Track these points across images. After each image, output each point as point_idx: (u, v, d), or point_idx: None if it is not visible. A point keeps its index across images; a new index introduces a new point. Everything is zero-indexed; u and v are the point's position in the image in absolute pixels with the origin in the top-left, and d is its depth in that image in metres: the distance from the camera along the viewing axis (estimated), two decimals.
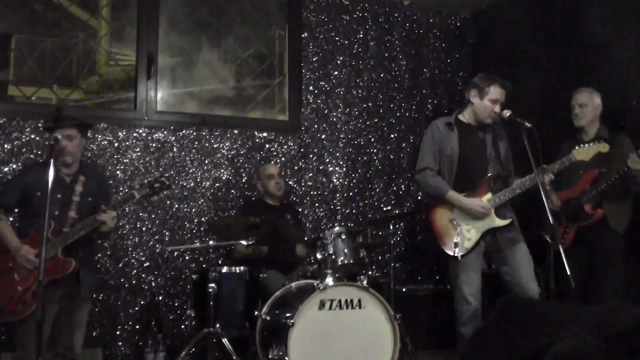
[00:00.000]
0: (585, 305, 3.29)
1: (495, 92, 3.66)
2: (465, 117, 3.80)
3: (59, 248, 3.35)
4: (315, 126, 5.31)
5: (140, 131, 4.71)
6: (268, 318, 3.70)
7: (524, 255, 3.65)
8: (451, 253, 3.58)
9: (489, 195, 3.64)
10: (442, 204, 3.72)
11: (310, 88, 5.32)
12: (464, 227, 3.63)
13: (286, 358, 3.38)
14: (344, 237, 3.94)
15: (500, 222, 3.63)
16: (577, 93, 4.13)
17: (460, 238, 3.58)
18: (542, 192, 3.21)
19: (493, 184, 3.66)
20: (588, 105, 4.04)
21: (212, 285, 3.85)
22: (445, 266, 5.35)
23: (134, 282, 4.54)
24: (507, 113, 3.55)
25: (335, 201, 5.30)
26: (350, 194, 5.36)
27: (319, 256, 3.85)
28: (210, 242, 4.08)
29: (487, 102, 3.67)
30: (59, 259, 3.35)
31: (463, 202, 3.63)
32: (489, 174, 3.68)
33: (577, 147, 3.62)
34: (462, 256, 3.56)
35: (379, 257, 5.28)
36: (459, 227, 3.62)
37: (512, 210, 3.78)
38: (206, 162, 4.87)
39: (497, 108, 3.65)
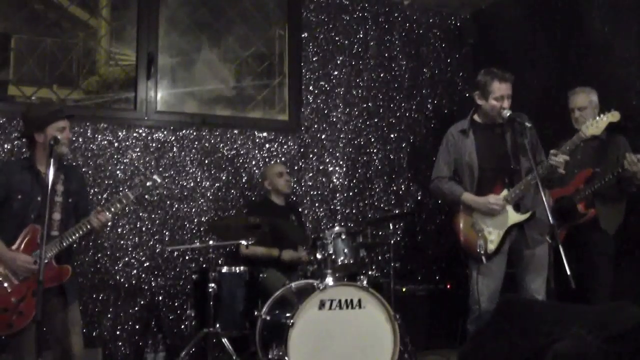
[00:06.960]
0: (585, 305, 3.29)
1: (497, 88, 3.51)
2: (479, 117, 3.69)
3: (52, 254, 3.11)
4: (315, 126, 5.31)
5: (140, 131, 4.71)
6: (268, 318, 3.70)
7: (539, 260, 3.51)
8: (477, 258, 3.47)
9: (505, 192, 3.52)
10: (463, 210, 3.63)
11: (310, 88, 5.32)
12: (485, 230, 3.53)
13: (286, 358, 3.38)
14: (343, 237, 3.94)
15: (518, 217, 3.50)
16: (574, 95, 4.03)
17: (483, 242, 3.49)
18: (542, 192, 3.20)
19: (507, 180, 3.54)
20: (587, 107, 3.96)
21: (212, 285, 3.86)
22: (447, 265, 5.42)
23: (134, 282, 4.54)
24: (507, 113, 3.48)
25: (335, 201, 5.30)
26: (350, 194, 5.36)
27: (319, 256, 3.85)
28: (210, 242, 4.08)
29: (492, 101, 3.53)
30: (54, 267, 3.13)
31: (476, 200, 3.54)
32: (502, 171, 3.56)
33: (586, 123, 3.46)
34: (486, 260, 3.46)
35: (379, 257, 5.28)
36: (480, 231, 3.52)
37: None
38: (206, 162, 4.87)
39: (505, 104, 3.51)
